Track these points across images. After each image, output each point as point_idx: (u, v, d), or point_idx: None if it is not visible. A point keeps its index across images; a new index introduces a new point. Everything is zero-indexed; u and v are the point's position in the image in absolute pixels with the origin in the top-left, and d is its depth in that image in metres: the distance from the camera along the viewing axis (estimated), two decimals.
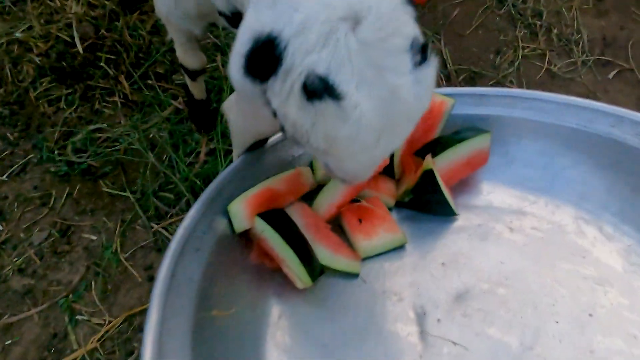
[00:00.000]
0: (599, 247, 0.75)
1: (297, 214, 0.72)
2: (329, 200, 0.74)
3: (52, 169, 1.01)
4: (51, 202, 0.97)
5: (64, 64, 1.14)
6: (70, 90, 1.13)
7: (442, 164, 0.76)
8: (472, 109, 0.84)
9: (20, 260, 0.90)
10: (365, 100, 0.41)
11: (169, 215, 0.94)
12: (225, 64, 1.13)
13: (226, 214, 0.67)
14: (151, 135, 1.05)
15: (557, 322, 0.67)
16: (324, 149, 0.45)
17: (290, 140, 0.47)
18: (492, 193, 0.83)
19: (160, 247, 0.91)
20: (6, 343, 0.81)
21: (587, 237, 0.76)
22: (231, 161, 0.99)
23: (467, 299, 0.69)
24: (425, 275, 0.72)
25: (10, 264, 0.90)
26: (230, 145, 0.99)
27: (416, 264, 0.74)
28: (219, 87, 1.09)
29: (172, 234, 0.84)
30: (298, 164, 0.76)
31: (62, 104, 1.11)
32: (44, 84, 1.12)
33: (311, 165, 0.77)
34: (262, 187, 0.70)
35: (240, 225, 0.67)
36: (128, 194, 0.97)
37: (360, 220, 0.75)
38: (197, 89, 0.96)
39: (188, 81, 0.94)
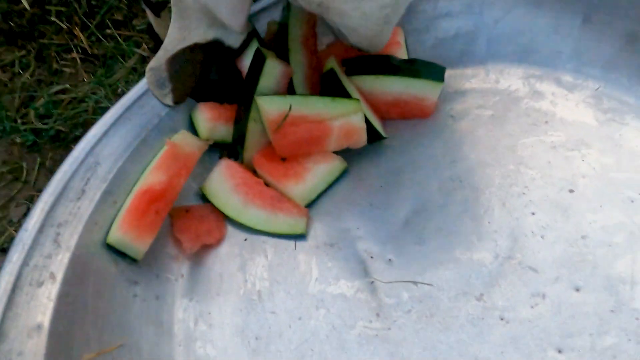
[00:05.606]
0: (562, 103, 0.59)
1: (221, 177, 0.55)
2: (257, 146, 0.57)
3: (18, 140, 0.95)
4: (24, 175, 0.92)
5: (11, 23, 1.06)
6: (23, 52, 1.05)
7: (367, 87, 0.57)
8: None
9: (1, 240, 0.84)
10: None
11: None
12: None
13: (109, 247, 0.50)
14: (119, 90, 0.96)
15: (533, 214, 0.52)
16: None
17: None
18: None
19: None
20: None
21: (545, 96, 0.61)
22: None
23: (419, 222, 0.54)
24: (363, 209, 0.56)
25: None
26: None
27: (348, 198, 0.58)
28: None
29: None
30: (167, 131, 0.57)
31: (16, 69, 1.02)
32: None
33: (191, 124, 0.59)
34: (136, 192, 0.51)
35: (138, 253, 0.50)
36: None
37: (283, 159, 0.57)
38: (163, 29, 0.81)
39: (152, 19, 0.80)
